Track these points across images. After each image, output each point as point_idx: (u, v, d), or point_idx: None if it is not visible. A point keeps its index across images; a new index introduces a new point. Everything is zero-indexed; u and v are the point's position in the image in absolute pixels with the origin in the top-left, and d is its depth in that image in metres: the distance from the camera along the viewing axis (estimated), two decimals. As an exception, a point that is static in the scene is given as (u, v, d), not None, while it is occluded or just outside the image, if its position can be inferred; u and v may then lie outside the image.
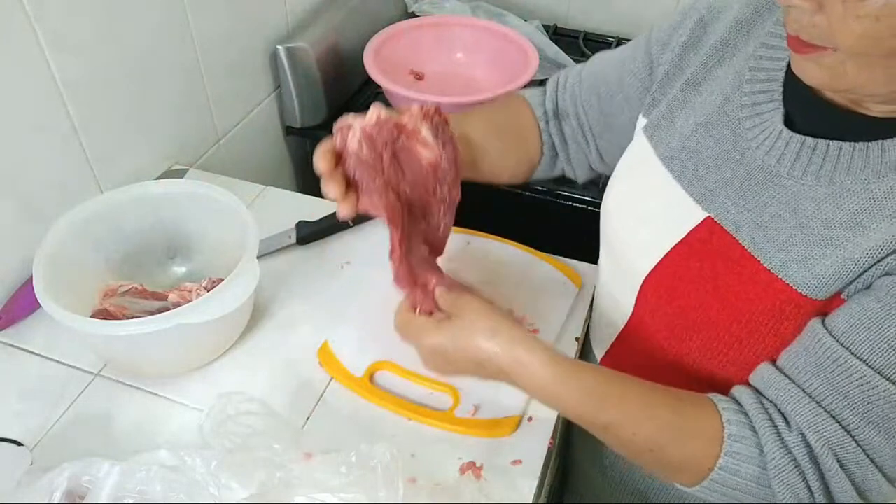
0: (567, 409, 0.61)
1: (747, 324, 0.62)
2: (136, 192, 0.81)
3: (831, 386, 0.56)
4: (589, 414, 0.60)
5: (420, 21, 1.31)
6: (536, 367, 0.60)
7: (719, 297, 0.64)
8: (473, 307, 0.63)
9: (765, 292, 0.60)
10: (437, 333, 0.63)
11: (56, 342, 0.79)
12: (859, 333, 0.55)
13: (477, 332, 0.61)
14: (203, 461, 0.58)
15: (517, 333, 0.61)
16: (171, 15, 0.96)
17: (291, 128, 1.27)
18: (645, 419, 0.59)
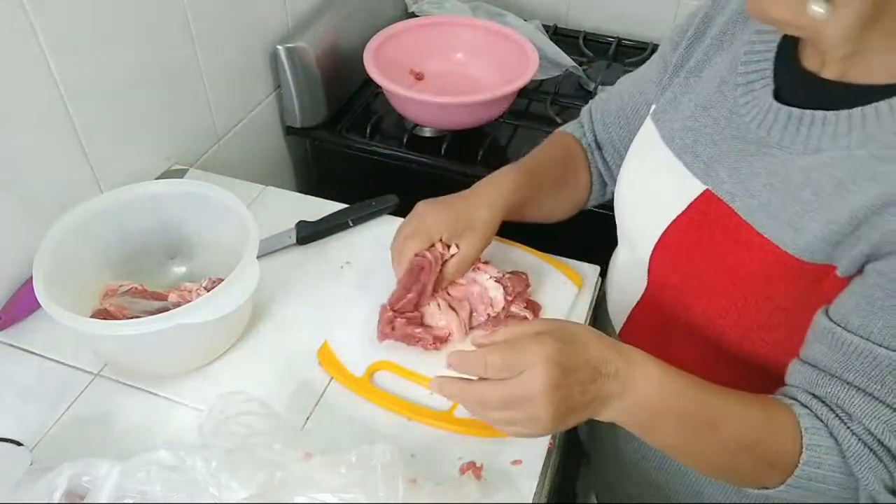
0: (670, 417, 0.59)
1: (742, 286, 0.65)
2: (136, 192, 0.81)
3: (868, 377, 0.57)
4: (698, 411, 0.59)
5: (420, 21, 1.31)
6: (644, 359, 0.59)
7: (717, 263, 0.67)
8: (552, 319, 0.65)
9: (758, 256, 0.63)
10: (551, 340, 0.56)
11: (56, 342, 0.79)
12: (875, 323, 0.56)
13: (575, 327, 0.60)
14: (203, 461, 0.58)
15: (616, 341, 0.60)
16: (171, 15, 0.96)
17: (291, 128, 1.27)
18: (744, 416, 0.60)
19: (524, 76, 1.17)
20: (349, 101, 1.32)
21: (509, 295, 0.80)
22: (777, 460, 0.60)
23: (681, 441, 0.61)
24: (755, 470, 0.61)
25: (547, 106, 1.31)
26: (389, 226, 0.95)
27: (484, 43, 1.30)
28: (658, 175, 0.74)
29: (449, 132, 1.22)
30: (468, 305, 0.80)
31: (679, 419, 0.60)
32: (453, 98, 1.15)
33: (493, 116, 1.22)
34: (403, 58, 1.28)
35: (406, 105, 1.19)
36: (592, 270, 0.90)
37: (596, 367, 0.57)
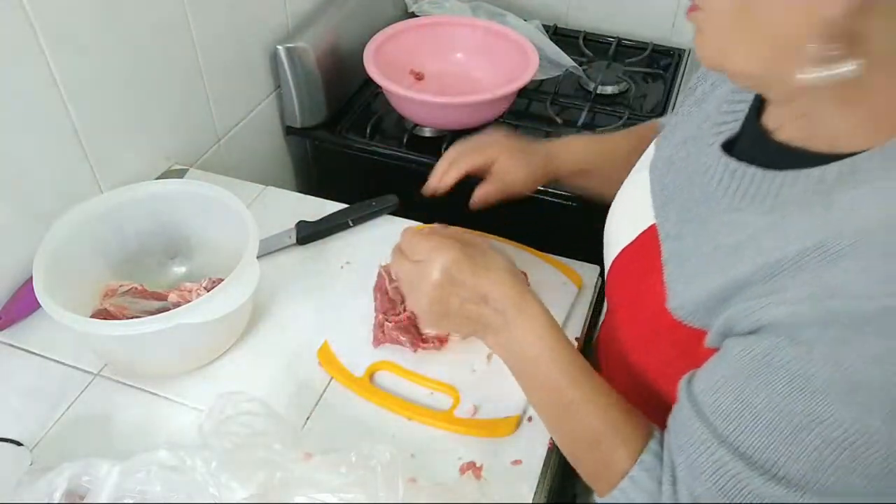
0: (542, 378, 0.62)
1: (645, 337, 0.63)
2: (136, 192, 0.81)
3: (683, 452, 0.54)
4: (562, 389, 0.60)
5: (420, 21, 1.31)
6: (537, 326, 0.61)
7: (635, 302, 0.66)
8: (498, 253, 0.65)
9: (655, 305, 0.61)
10: (459, 253, 0.63)
11: (56, 342, 0.79)
12: (705, 389, 0.53)
13: (498, 259, 0.64)
14: (203, 461, 0.58)
15: (524, 283, 0.64)
16: (171, 15, 0.96)
17: (291, 128, 1.27)
18: (600, 411, 0.59)
19: (524, 76, 1.17)
20: (349, 101, 1.32)
21: None
22: (607, 472, 0.59)
23: (539, 406, 0.64)
24: (590, 469, 0.61)
25: (547, 106, 1.31)
26: (389, 226, 0.95)
27: (484, 43, 1.30)
28: (631, 198, 0.72)
29: (449, 132, 1.22)
30: None
31: (542, 386, 0.62)
32: (453, 98, 1.15)
33: (493, 116, 1.22)
34: (403, 58, 1.28)
35: (406, 105, 1.19)
36: (592, 270, 0.90)
37: (485, 295, 0.62)
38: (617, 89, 1.36)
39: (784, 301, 0.48)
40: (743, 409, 0.50)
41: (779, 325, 0.48)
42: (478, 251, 0.64)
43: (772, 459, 0.48)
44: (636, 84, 1.38)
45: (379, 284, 0.83)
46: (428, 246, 0.64)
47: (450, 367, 0.78)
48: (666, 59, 1.48)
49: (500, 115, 1.23)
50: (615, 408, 0.60)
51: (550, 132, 1.24)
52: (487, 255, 0.65)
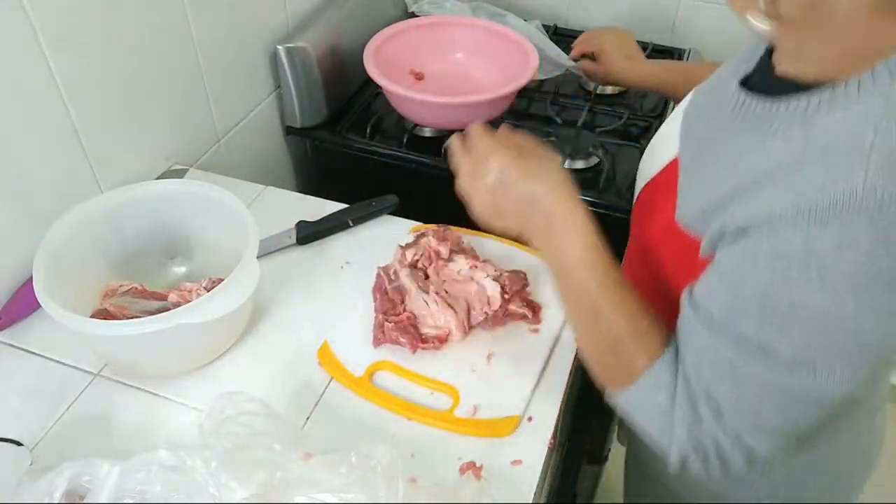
0: (576, 282, 0.65)
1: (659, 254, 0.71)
2: (136, 192, 0.81)
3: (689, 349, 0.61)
4: (591, 293, 0.64)
5: (420, 21, 1.31)
6: (579, 232, 0.65)
7: (653, 223, 0.72)
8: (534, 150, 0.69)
9: (667, 220, 0.67)
10: (513, 159, 0.67)
11: (56, 342, 0.79)
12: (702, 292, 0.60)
13: (552, 167, 0.68)
14: (203, 461, 0.58)
15: (572, 189, 0.67)
16: (172, 15, 0.96)
17: (291, 128, 1.27)
18: (627, 316, 0.64)
19: (524, 76, 1.17)
20: (349, 101, 1.32)
21: (507, 293, 0.80)
22: (626, 373, 0.64)
23: (571, 310, 0.68)
24: (611, 372, 0.66)
25: (547, 106, 1.31)
26: (389, 226, 0.95)
27: (484, 43, 1.30)
28: (664, 137, 0.77)
29: (449, 132, 1.22)
30: (465, 304, 0.80)
31: (576, 289, 0.66)
32: (453, 98, 1.15)
33: (493, 116, 1.22)
34: (403, 58, 1.28)
35: (406, 105, 1.19)
36: (592, 270, 0.90)
37: (535, 201, 0.66)
38: (617, 89, 1.36)
39: (763, 203, 0.54)
40: (734, 302, 0.56)
41: (759, 223, 0.54)
42: (533, 158, 0.68)
43: (763, 343, 0.55)
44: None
45: (378, 285, 0.83)
46: (488, 147, 0.69)
47: (450, 367, 0.78)
48: (666, 58, 1.48)
49: (499, 115, 1.23)
50: (640, 316, 0.64)
51: (550, 132, 1.24)
52: (542, 162, 0.68)
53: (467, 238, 0.90)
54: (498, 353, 0.79)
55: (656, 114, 1.31)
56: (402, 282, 0.82)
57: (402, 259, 0.84)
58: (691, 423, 0.59)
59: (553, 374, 0.78)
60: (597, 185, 1.13)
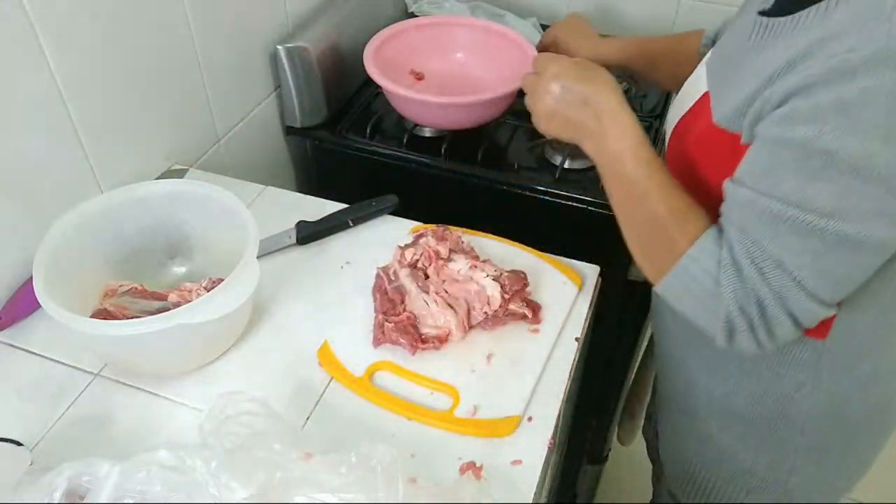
0: (626, 169, 0.72)
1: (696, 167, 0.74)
2: (136, 192, 0.81)
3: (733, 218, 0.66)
4: (640, 178, 0.71)
5: (420, 21, 1.31)
6: (630, 128, 0.73)
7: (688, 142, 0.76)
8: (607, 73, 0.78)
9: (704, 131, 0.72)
10: (570, 64, 0.78)
11: (56, 342, 0.79)
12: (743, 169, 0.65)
13: (602, 72, 0.77)
14: (203, 461, 0.58)
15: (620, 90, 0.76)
16: (172, 15, 0.96)
17: (291, 128, 1.27)
18: (667, 200, 0.70)
19: (524, 76, 1.17)
20: (349, 101, 1.32)
21: (507, 293, 0.80)
22: (668, 255, 0.69)
23: (617, 200, 0.75)
24: (653, 256, 0.72)
25: (547, 106, 1.31)
26: (389, 226, 0.95)
27: (484, 43, 1.30)
28: (692, 82, 0.81)
29: (449, 132, 1.22)
30: (465, 304, 0.81)
31: (622, 180, 0.73)
32: (453, 98, 1.15)
33: (493, 116, 1.22)
34: (403, 58, 1.27)
35: (406, 105, 1.19)
36: (592, 270, 0.90)
37: (587, 100, 0.75)
38: (617, 89, 1.36)
39: (796, 73, 0.60)
40: (773, 164, 0.62)
41: (793, 91, 0.60)
42: (589, 67, 0.78)
43: (802, 198, 0.60)
44: (636, 84, 1.38)
45: (378, 285, 0.83)
46: (547, 59, 0.80)
47: (449, 367, 0.78)
48: (666, 59, 1.48)
49: (499, 115, 1.23)
50: (681, 198, 0.70)
51: (550, 132, 1.24)
52: (598, 70, 0.77)
53: (467, 238, 0.90)
54: (498, 353, 0.79)
55: (656, 114, 1.31)
56: (401, 282, 0.82)
57: (402, 259, 0.84)
58: (736, 286, 0.64)
59: (553, 374, 0.78)
60: (597, 185, 1.12)
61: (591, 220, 1.12)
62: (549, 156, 1.19)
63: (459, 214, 0.96)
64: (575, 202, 1.12)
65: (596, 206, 1.11)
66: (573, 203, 1.13)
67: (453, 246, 0.85)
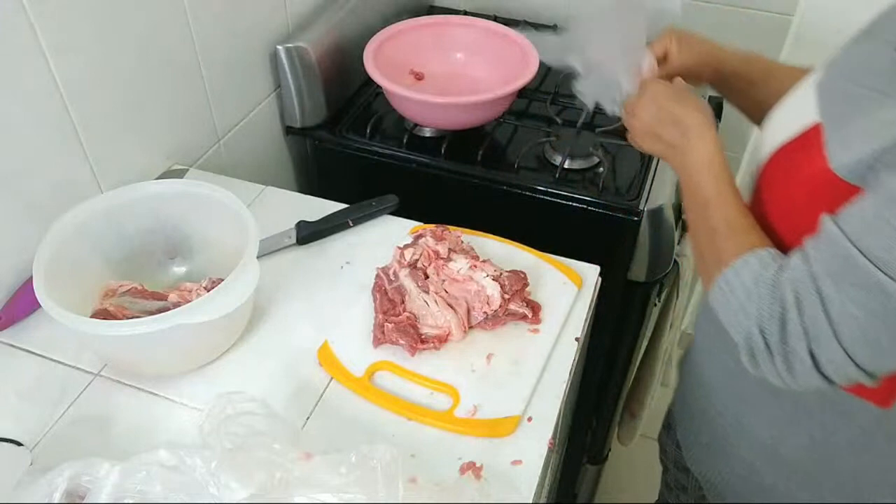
0: (698, 176, 0.77)
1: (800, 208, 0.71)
2: (136, 192, 0.81)
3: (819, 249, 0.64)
4: (707, 185, 0.76)
5: (420, 21, 1.31)
6: (710, 143, 0.77)
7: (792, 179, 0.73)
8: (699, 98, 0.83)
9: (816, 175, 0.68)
10: (665, 86, 0.85)
11: (56, 342, 0.79)
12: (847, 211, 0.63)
13: (696, 102, 0.82)
14: (203, 461, 0.58)
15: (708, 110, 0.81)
16: (172, 15, 0.96)
17: (291, 128, 1.27)
18: (728, 211, 0.73)
19: (524, 76, 1.17)
20: (349, 101, 1.32)
21: (506, 293, 0.80)
22: (720, 258, 0.71)
23: (690, 212, 0.79)
24: (709, 262, 0.74)
25: (547, 106, 1.31)
26: (389, 226, 0.95)
27: (484, 43, 1.30)
28: (798, 102, 0.79)
29: (449, 132, 1.22)
30: (465, 304, 0.81)
31: (696, 194, 0.77)
32: (453, 98, 1.15)
33: (493, 116, 1.22)
34: (403, 58, 1.27)
35: (406, 105, 1.19)
36: (592, 270, 0.90)
37: (677, 119, 0.81)
38: (617, 89, 1.36)
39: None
40: (877, 216, 0.59)
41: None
42: (681, 90, 0.85)
43: (891, 260, 0.58)
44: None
45: (378, 285, 0.83)
46: (647, 83, 0.87)
47: (449, 367, 0.78)
48: (666, 59, 1.48)
49: (499, 115, 1.23)
50: (740, 218, 0.73)
51: (550, 132, 1.24)
52: (689, 94, 0.83)
53: (467, 238, 0.90)
54: (498, 353, 0.79)
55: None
56: (401, 282, 0.82)
57: (401, 259, 0.84)
58: (764, 304, 0.65)
59: (553, 374, 0.78)
60: (597, 185, 1.13)
61: (591, 220, 1.12)
62: (549, 156, 1.19)
63: (459, 214, 0.96)
64: (575, 202, 1.12)
65: (596, 206, 1.11)
66: (573, 203, 1.13)
67: (453, 246, 0.85)
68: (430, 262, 0.83)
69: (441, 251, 0.84)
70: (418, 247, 0.84)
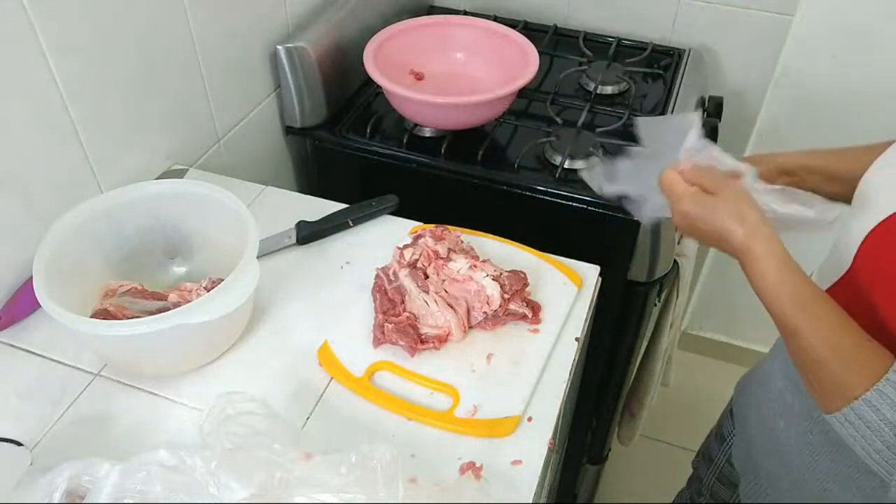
0: (771, 306, 0.69)
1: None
2: (136, 192, 0.81)
3: None
4: (786, 316, 0.67)
5: (420, 21, 1.31)
6: (764, 263, 0.68)
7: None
8: (734, 191, 0.73)
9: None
10: (695, 204, 0.74)
11: (56, 342, 0.79)
12: None
13: (728, 214, 0.71)
14: (203, 461, 0.58)
15: (762, 227, 0.70)
16: (171, 15, 0.96)
17: (291, 128, 1.27)
18: (825, 338, 0.65)
19: (524, 76, 1.17)
20: (349, 101, 1.32)
21: (506, 293, 0.80)
22: (836, 391, 0.65)
23: (777, 327, 0.71)
24: (816, 386, 0.68)
25: (547, 106, 1.31)
26: (389, 226, 0.95)
27: (484, 43, 1.30)
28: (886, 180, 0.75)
29: (449, 132, 1.22)
30: (465, 304, 0.81)
31: (773, 315, 0.69)
32: (453, 98, 1.15)
33: (493, 116, 1.22)
34: (403, 58, 1.28)
35: (406, 105, 1.19)
36: (592, 270, 0.90)
37: (719, 237, 0.72)
38: (617, 89, 1.36)
39: None
40: None
41: None
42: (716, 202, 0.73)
43: None
44: (636, 84, 1.38)
45: (378, 285, 0.83)
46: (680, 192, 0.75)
47: (449, 367, 0.78)
48: (666, 59, 1.48)
49: (499, 115, 1.23)
50: (847, 340, 0.65)
51: (550, 132, 1.24)
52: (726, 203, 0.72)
53: (467, 238, 0.90)
54: (498, 353, 0.79)
55: (656, 114, 1.31)
56: (401, 282, 0.82)
57: (401, 259, 0.84)
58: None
59: (553, 374, 0.78)
60: (597, 185, 1.13)
61: (591, 220, 1.12)
62: (549, 156, 1.19)
63: (459, 214, 0.96)
64: (575, 202, 1.12)
65: (596, 206, 1.11)
66: (573, 203, 1.13)
67: (452, 246, 0.86)
68: (430, 262, 0.83)
69: (441, 251, 0.84)
70: (418, 247, 0.84)
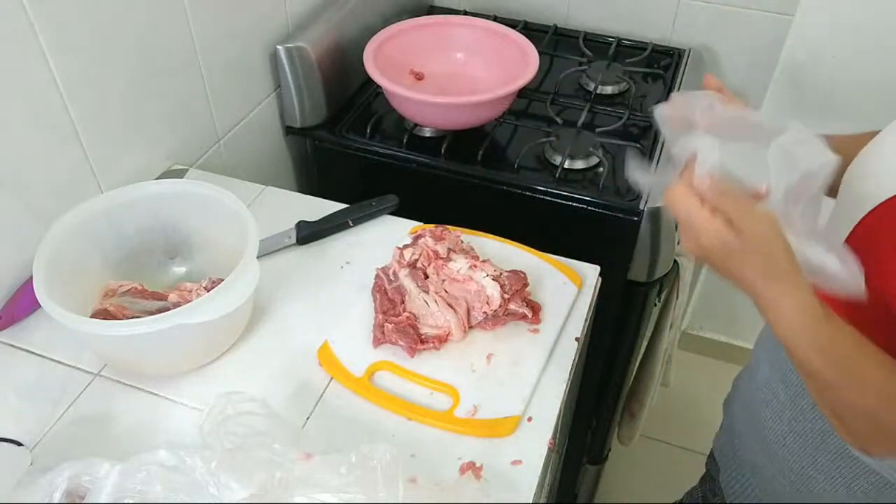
0: (797, 357, 0.63)
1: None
2: (136, 192, 0.81)
3: None
4: (817, 370, 0.62)
5: (420, 21, 1.31)
6: (785, 312, 0.61)
7: None
8: (763, 236, 0.61)
9: None
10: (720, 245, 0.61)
11: (56, 342, 0.79)
12: None
13: (754, 269, 0.62)
14: (203, 461, 0.58)
15: (785, 275, 0.61)
16: (171, 15, 0.96)
17: (291, 128, 1.27)
18: (866, 389, 0.61)
19: (524, 76, 1.17)
20: (349, 101, 1.32)
21: (506, 293, 0.80)
22: (889, 439, 0.62)
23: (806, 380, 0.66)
24: (863, 436, 0.65)
25: (547, 106, 1.31)
26: (389, 226, 0.95)
27: (484, 43, 1.30)
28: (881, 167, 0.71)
29: (449, 132, 1.22)
30: (465, 304, 0.81)
31: (800, 366, 0.64)
32: (453, 98, 1.15)
33: (493, 116, 1.22)
34: (403, 58, 1.27)
35: (406, 105, 1.19)
36: (592, 270, 0.90)
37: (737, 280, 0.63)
38: (617, 89, 1.36)
39: None
40: None
41: None
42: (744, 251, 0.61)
43: None
44: (636, 84, 1.38)
45: (378, 285, 0.83)
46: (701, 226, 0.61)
47: (449, 367, 0.78)
48: (666, 59, 1.48)
49: (499, 115, 1.23)
50: (889, 381, 0.60)
51: (550, 132, 1.24)
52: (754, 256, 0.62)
53: (467, 238, 0.90)
54: (498, 353, 0.79)
55: (656, 114, 1.31)
56: (401, 282, 0.82)
57: (401, 259, 0.84)
58: None
59: (553, 374, 0.78)
60: (597, 185, 1.13)
61: (591, 220, 1.12)
62: (549, 156, 1.19)
63: (459, 214, 0.96)
64: (575, 202, 1.12)
65: (596, 206, 1.11)
66: (573, 203, 1.13)
67: (452, 246, 0.86)
68: (430, 262, 0.83)
69: (441, 251, 0.84)
70: (418, 247, 0.84)
